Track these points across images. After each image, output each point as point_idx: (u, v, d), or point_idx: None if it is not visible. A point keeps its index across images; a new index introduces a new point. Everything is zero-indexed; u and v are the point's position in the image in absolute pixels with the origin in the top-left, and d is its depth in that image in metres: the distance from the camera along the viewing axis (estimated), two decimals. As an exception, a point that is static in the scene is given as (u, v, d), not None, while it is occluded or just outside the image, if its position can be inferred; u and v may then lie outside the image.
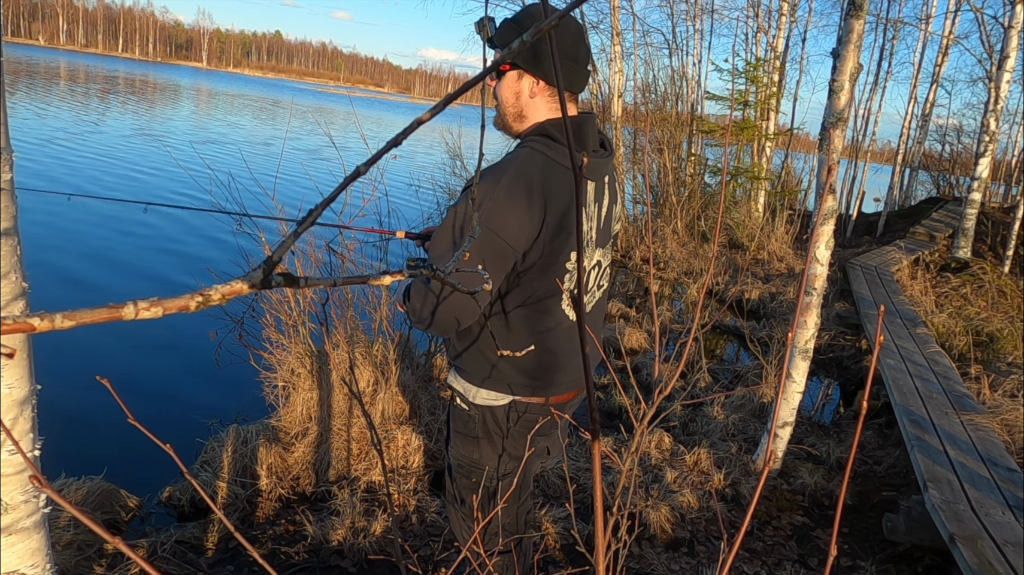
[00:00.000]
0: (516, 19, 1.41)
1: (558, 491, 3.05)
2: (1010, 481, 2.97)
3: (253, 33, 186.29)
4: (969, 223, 8.75)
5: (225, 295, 0.31)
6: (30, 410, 1.17)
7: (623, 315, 6.30)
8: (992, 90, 8.62)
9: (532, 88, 1.44)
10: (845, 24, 3.02)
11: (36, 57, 53.03)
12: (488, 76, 1.66)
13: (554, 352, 1.51)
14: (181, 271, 6.15)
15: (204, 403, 3.81)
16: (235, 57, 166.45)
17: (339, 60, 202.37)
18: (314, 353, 3.23)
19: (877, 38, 13.84)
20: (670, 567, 2.62)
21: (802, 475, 3.42)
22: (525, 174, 1.36)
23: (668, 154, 10.59)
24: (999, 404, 4.02)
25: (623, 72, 9.87)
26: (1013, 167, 16.03)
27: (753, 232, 9.60)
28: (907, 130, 13.07)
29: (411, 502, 2.82)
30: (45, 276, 5.35)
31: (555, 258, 1.42)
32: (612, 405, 4.25)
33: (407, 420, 3.29)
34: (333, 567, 2.42)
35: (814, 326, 3.25)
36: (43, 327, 0.27)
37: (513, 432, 1.56)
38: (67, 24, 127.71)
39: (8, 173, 1.07)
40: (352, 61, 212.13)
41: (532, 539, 1.94)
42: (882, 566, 2.82)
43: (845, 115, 3.04)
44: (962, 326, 6.03)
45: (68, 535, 2.27)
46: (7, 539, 1.17)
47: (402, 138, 0.33)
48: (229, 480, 2.81)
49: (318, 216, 0.33)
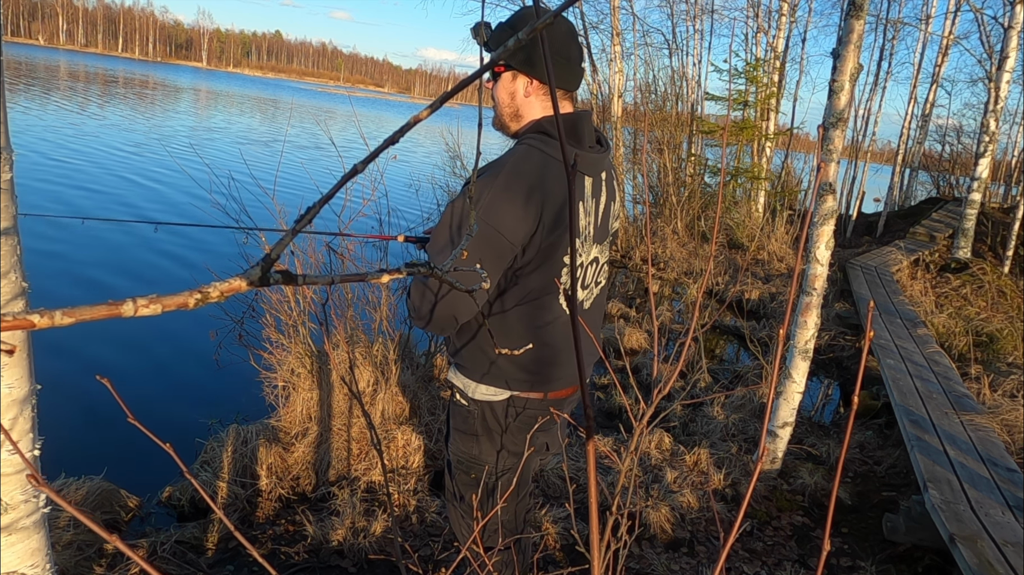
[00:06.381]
0: (510, 22, 1.44)
1: (558, 491, 3.05)
2: (1010, 481, 2.97)
3: (253, 33, 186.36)
4: (969, 223, 8.75)
5: (224, 292, 0.31)
6: (30, 410, 1.17)
7: (623, 315, 6.30)
8: (992, 90, 8.62)
9: (527, 88, 1.48)
10: (845, 24, 3.02)
11: (36, 57, 53.03)
12: (485, 78, 1.67)
13: (552, 348, 1.51)
14: (180, 269, 6.15)
15: (204, 403, 3.81)
16: (235, 57, 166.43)
17: (339, 60, 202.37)
18: (314, 353, 3.23)
19: (877, 38, 13.85)
20: (670, 567, 2.62)
21: (802, 475, 3.42)
22: (522, 170, 1.38)
23: (668, 154, 10.59)
24: (999, 404, 4.03)
25: (623, 72, 9.88)
26: (1013, 167, 16.04)
27: (753, 232, 9.60)
28: (907, 130, 13.07)
29: (411, 502, 2.82)
30: (45, 275, 5.35)
31: (552, 253, 1.43)
32: (612, 405, 4.25)
33: (407, 420, 3.29)
34: (333, 567, 2.43)
35: (814, 326, 3.25)
36: (43, 324, 0.28)
37: (512, 428, 1.57)
38: (67, 24, 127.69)
39: (8, 173, 1.07)
40: (352, 61, 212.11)
41: (532, 538, 1.94)
42: (882, 566, 2.82)
43: (845, 115, 3.04)
44: (962, 326, 6.03)
45: (68, 535, 2.27)
46: (7, 539, 1.17)
47: (399, 136, 0.33)
48: (229, 480, 2.81)
49: (316, 213, 0.33)
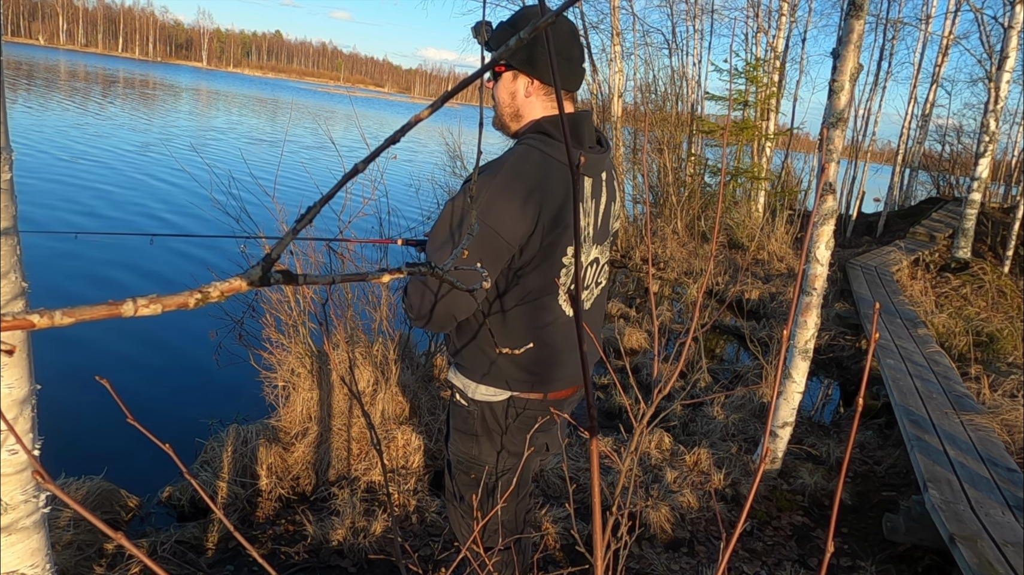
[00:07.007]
0: (511, 22, 1.44)
1: (558, 491, 3.05)
2: (1010, 481, 2.97)
3: (253, 33, 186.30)
4: (969, 223, 8.75)
5: (224, 292, 0.31)
6: (30, 410, 1.17)
7: (623, 315, 6.30)
8: (992, 90, 8.62)
9: (527, 88, 1.48)
10: (845, 24, 3.02)
11: (36, 57, 53.03)
12: (486, 78, 1.66)
13: (552, 348, 1.51)
14: (180, 269, 6.15)
15: (204, 403, 3.81)
16: (235, 57, 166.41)
17: (339, 60, 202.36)
18: (314, 353, 3.23)
19: (877, 38, 13.84)
20: (670, 567, 2.62)
21: (802, 475, 3.42)
22: (521, 170, 1.38)
23: (668, 154, 10.59)
24: (999, 404, 4.02)
25: (623, 72, 9.87)
26: (1013, 167, 16.03)
27: (753, 232, 9.60)
28: (907, 130, 13.07)
29: (411, 502, 2.82)
30: (45, 274, 5.35)
31: (551, 253, 1.43)
32: (612, 405, 4.25)
33: (407, 420, 3.29)
34: (333, 567, 2.42)
35: (814, 326, 3.25)
36: (43, 324, 0.27)
37: (512, 428, 1.57)
38: (67, 24, 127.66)
39: (8, 173, 1.07)
40: (352, 61, 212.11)
41: (532, 538, 1.94)
42: (882, 566, 2.82)
43: (845, 115, 3.04)
44: (962, 326, 6.03)
45: (68, 535, 2.27)
46: (7, 539, 1.17)
47: (400, 135, 0.33)
48: (229, 480, 2.81)
49: (316, 214, 0.33)
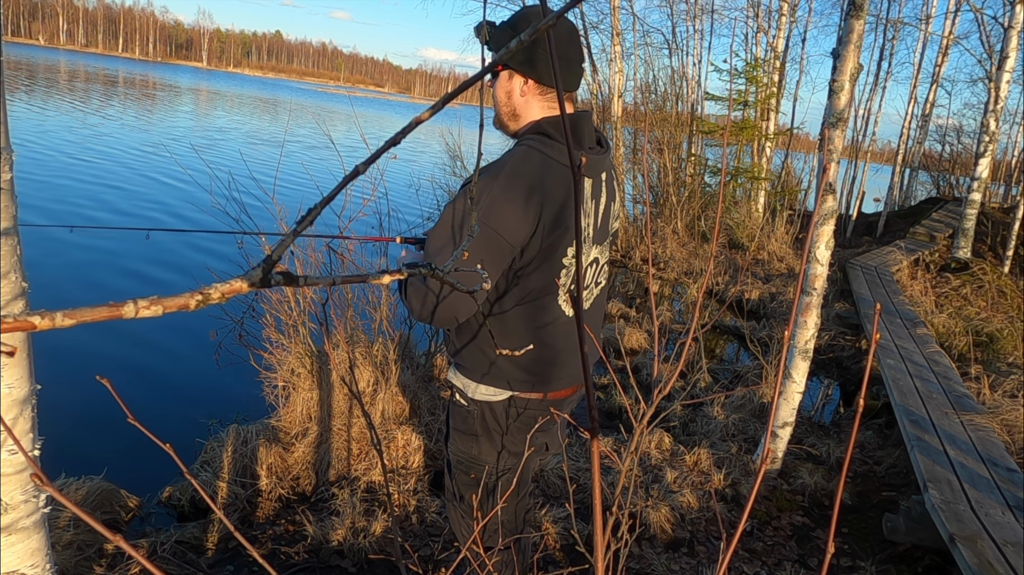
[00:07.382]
0: (511, 22, 1.45)
1: (558, 491, 3.05)
2: (1010, 481, 2.97)
3: (253, 33, 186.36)
4: (969, 223, 8.75)
5: (225, 294, 0.31)
6: (30, 410, 1.17)
7: (623, 315, 6.30)
8: (992, 90, 8.62)
9: (522, 87, 1.49)
10: (845, 24, 3.02)
11: (36, 57, 53.02)
12: (486, 78, 1.67)
13: (552, 348, 1.52)
14: (180, 271, 6.15)
15: (204, 403, 3.80)
16: (235, 57, 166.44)
17: (339, 60, 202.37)
18: (314, 353, 3.23)
19: (877, 38, 13.84)
20: (670, 567, 2.62)
21: (802, 475, 3.42)
22: (522, 171, 1.39)
23: (668, 154, 10.59)
24: (999, 404, 4.02)
25: (623, 72, 9.87)
26: (1013, 167, 16.04)
27: (753, 232, 9.60)
28: (907, 130, 13.07)
29: (411, 502, 2.82)
30: (44, 273, 5.35)
31: (552, 254, 1.44)
32: (612, 405, 4.25)
33: (407, 420, 3.29)
34: (333, 567, 2.43)
35: (814, 326, 3.25)
36: (44, 325, 0.28)
37: (512, 428, 1.57)
38: (67, 24, 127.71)
39: (8, 173, 1.07)
40: (352, 61, 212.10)
41: (532, 538, 1.94)
42: (882, 566, 2.82)
43: (845, 115, 3.04)
44: (962, 326, 6.03)
45: (68, 535, 2.27)
46: (7, 539, 1.17)
47: (401, 137, 0.33)
48: (229, 480, 2.81)
49: (317, 215, 0.33)
